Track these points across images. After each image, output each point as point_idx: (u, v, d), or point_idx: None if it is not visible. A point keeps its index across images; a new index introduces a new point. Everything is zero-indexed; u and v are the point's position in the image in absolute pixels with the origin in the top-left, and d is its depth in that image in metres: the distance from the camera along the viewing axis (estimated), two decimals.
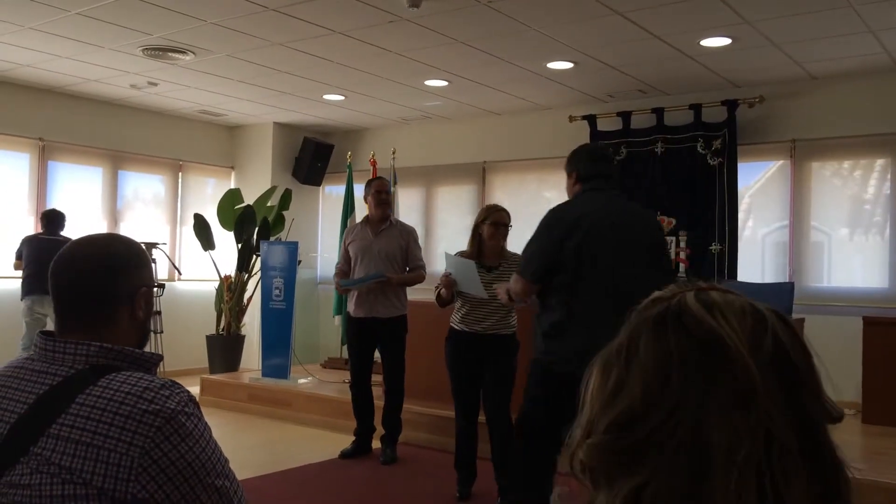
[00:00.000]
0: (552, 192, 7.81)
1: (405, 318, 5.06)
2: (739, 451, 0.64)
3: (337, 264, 5.39)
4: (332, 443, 5.33)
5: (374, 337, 5.03)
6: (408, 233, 5.13)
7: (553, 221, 3.25)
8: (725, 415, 0.65)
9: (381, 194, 5.09)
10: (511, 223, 4.30)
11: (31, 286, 6.22)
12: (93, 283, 1.36)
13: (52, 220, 6.51)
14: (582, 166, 3.42)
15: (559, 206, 3.36)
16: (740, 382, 0.66)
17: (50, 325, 5.02)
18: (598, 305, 3.05)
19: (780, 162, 6.55)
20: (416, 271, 5.06)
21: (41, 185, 7.42)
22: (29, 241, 6.47)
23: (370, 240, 5.04)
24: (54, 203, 7.53)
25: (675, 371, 0.67)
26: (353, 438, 5.17)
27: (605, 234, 3.17)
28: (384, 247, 5.00)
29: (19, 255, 6.46)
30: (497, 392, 4.11)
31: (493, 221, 4.18)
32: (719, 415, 0.65)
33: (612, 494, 0.67)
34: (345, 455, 5.09)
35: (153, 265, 7.18)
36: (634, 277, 3.05)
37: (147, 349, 1.41)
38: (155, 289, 1.48)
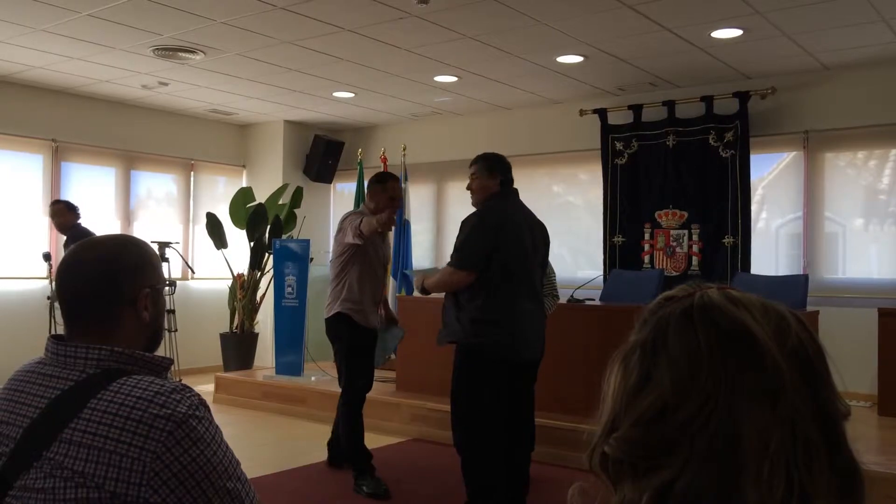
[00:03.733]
0: (562, 186, 7.79)
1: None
2: (770, 443, 0.64)
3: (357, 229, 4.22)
4: None
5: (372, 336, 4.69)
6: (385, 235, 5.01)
7: (489, 219, 3.59)
8: (755, 407, 0.66)
9: (397, 201, 4.42)
10: None
11: None
12: (95, 286, 1.37)
13: (76, 207, 6.41)
14: (503, 171, 3.77)
15: (490, 205, 3.67)
16: (770, 375, 0.67)
17: None
18: (520, 297, 3.55)
19: (794, 153, 6.50)
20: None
21: (55, 185, 7.48)
22: (88, 233, 6.04)
23: (379, 244, 4.52)
24: None
25: (706, 363, 0.68)
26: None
27: (525, 234, 3.65)
28: (387, 253, 4.77)
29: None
30: None
31: None
32: (749, 407, 0.66)
33: (639, 489, 0.67)
34: (379, 493, 4.28)
35: (165, 265, 7.14)
36: (538, 276, 3.74)
37: (161, 348, 1.42)
38: (165, 288, 1.49)
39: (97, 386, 1.28)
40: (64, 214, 6.29)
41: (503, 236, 3.55)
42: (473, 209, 3.76)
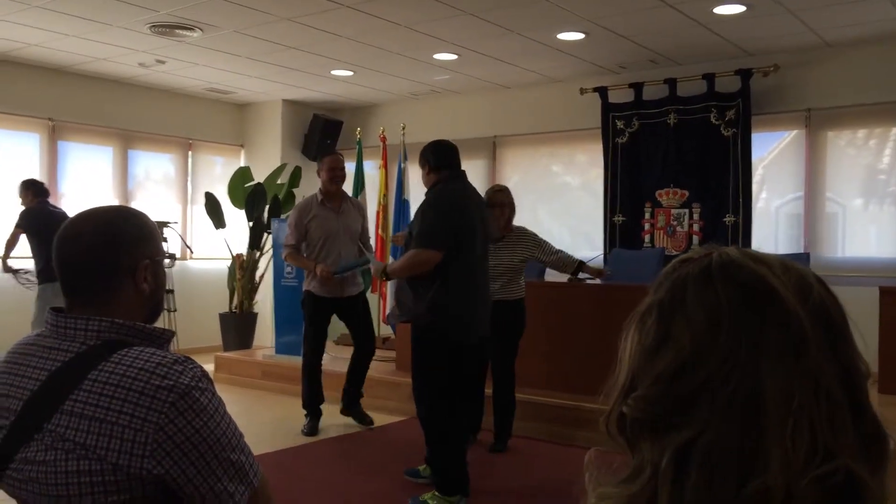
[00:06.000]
0: (562, 165, 7.75)
1: (364, 293, 5.39)
2: (794, 400, 0.63)
3: (287, 242, 5.14)
4: (345, 418, 5.35)
5: (335, 313, 5.19)
6: (362, 209, 5.33)
7: (450, 201, 3.68)
8: (778, 364, 0.65)
9: (337, 171, 5.09)
10: (513, 200, 4.76)
11: None
12: (95, 256, 1.34)
13: (45, 189, 6.24)
14: (445, 163, 3.82)
15: (447, 187, 3.74)
16: (792, 330, 0.66)
17: None
18: (474, 276, 3.71)
19: (795, 132, 6.46)
20: (371, 250, 5.33)
21: (52, 165, 7.43)
22: (42, 215, 6.03)
23: (334, 219, 5.06)
24: (66, 183, 7.55)
25: (726, 320, 0.67)
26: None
27: (476, 218, 3.75)
28: (350, 225, 5.09)
29: (23, 228, 6.07)
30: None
31: (490, 205, 4.49)
32: (772, 363, 0.65)
33: (660, 448, 0.66)
34: (312, 433, 5.11)
35: (164, 244, 7.13)
36: (487, 253, 3.91)
37: (160, 326, 1.40)
38: (165, 260, 1.47)
39: (98, 357, 1.26)
40: (21, 194, 6.20)
41: (458, 218, 3.66)
42: (485, 187, 3.96)
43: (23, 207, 6.23)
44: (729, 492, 0.62)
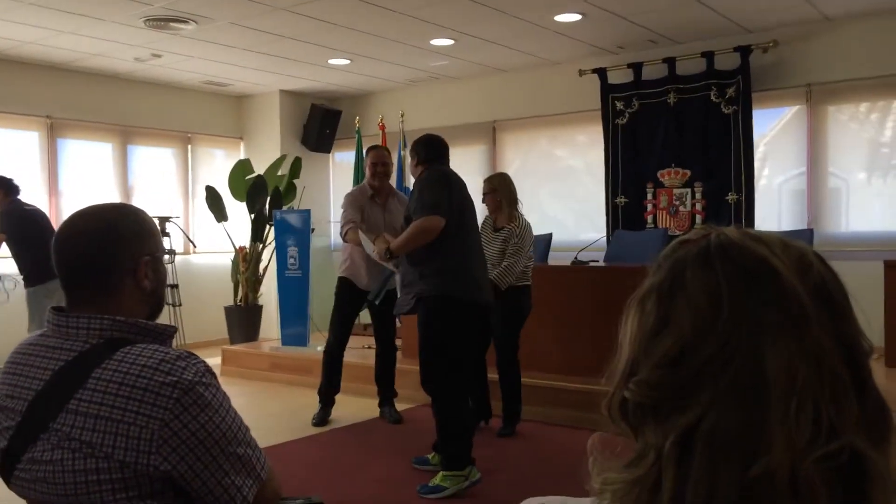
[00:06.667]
0: (563, 149, 7.73)
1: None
2: (797, 379, 0.63)
3: (347, 219, 4.86)
4: (354, 407, 5.37)
5: (363, 303, 5.10)
6: (406, 204, 5.10)
7: (445, 176, 3.83)
8: (780, 343, 0.64)
9: (377, 167, 4.91)
10: (505, 187, 4.75)
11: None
12: (95, 254, 1.34)
13: (17, 187, 5.85)
14: (433, 156, 3.96)
15: (434, 167, 3.89)
16: (793, 308, 0.65)
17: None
18: (473, 246, 3.86)
19: (796, 107, 6.42)
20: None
21: (51, 163, 7.43)
22: (22, 217, 5.73)
23: (380, 215, 4.93)
24: (65, 181, 7.54)
25: (726, 301, 0.66)
26: (368, 405, 5.28)
27: (468, 197, 3.89)
28: (393, 223, 4.92)
29: (6, 233, 5.69)
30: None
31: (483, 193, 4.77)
32: (773, 342, 0.64)
33: (663, 432, 0.66)
34: (321, 423, 5.12)
35: (166, 239, 7.02)
36: (477, 230, 4.04)
37: (164, 322, 1.40)
38: (165, 256, 1.46)
39: (101, 355, 1.26)
40: None
41: (452, 189, 3.79)
42: (468, 174, 4.16)
43: None
44: (734, 473, 0.62)
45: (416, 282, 3.79)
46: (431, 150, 3.96)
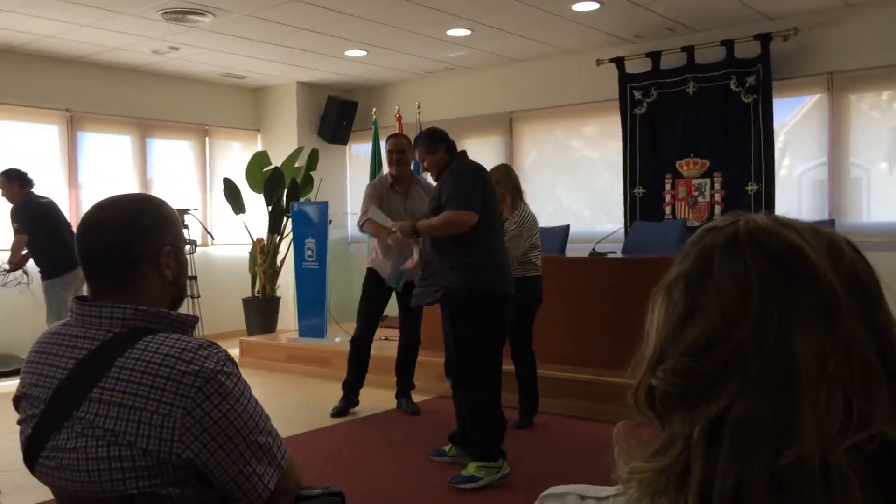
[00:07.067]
0: (579, 140, 7.68)
1: None
2: (828, 367, 0.62)
3: (364, 212, 4.84)
4: (372, 398, 5.39)
5: (390, 293, 5.06)
6: (431, 191, 4.99)
7: (478, 171, 3.86)
8: (811, 330, 0.63)
9: (394, 154, 4.84)
10: (508, 179, 4.71)
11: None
12: (117, 244, 1.35)
13: (30, 179, 5.85)
14: (444, 140, 3.98)
15: (466, 159, 3.94)
16: (825, 296, 0.64)
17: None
18: (501, 239, 3.93)
19: (817, 96, 6.34)
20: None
21: (71, 156, 7.49)
22: (37, 210, 5.75)
23: (400, 203, 4.86)
24: (85, 174, 7.61)
25: (756, 288, 0.65)
26: (389, 396, 5.26)
27: (493, 190, 3.95)
28: (415, 212, 4.80)
29: (24, 225, 5.68)
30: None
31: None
32: (804, 330, 0.63)
33: (690, 421, 0.65)
34: (339, 414, 5.12)
35: (184, 231, 7.10)
36: (501, 225, 4.07)
37: (184, 312, 1.41)
38: (186, 247, 1.47)
39: (124, 344, 1.27)
40: (4, 186, 5.79)
41: (486, 185, 3.83)
42: (486, 165, 4.04)
43: (8, 202, 5.83)
44: (764, 462, 0.61)
45: (443, 273, 3.78)
46: (448, 140, 3.98)
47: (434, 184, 4.98)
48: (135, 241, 1.35)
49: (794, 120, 6.55)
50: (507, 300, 3.84)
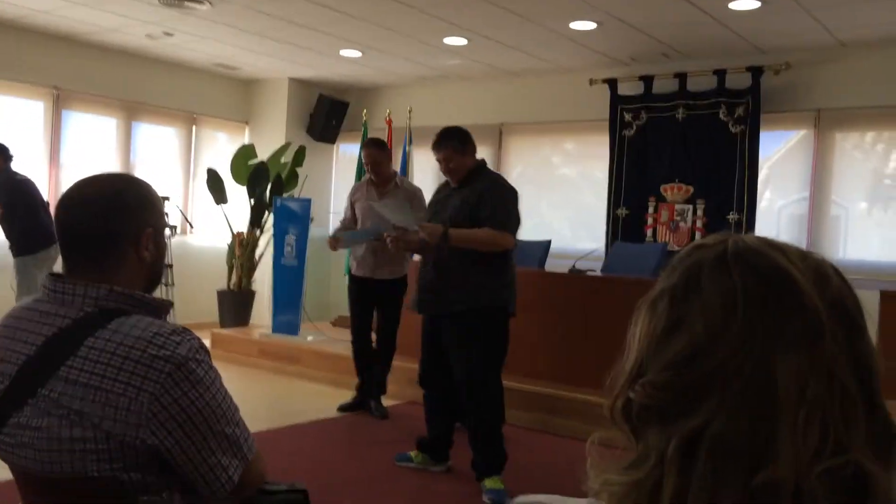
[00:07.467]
0: (566, 157, 7.72)
1: (405, 279, 5.04)
2: (807, 391, 0.62)
3: (342, 220, 5.24)
4: (339, 399, 5.35)
5: (374, 296, 5.08)
6: (412, 194, 4.95)
7: (515, 191, 3.84)
8: (793, 353, 0.63)
9: (368, 165, 4.96)
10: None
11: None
12: (99, 222, 1.32)
13: (10, 154, 5.74)
14: (473, 144, 3.90)
15: (492, 175, 3.92)
16: (809, 320, 0.64)
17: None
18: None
19: (804, 132, 6.42)
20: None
21: (55, 134, 7.39)
22: (15, 185, 5.66)
23: (373, 198, 4.92)
24: (68, 153, 7.51)
25: (741, 307, 0.65)
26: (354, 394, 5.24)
27: None
28: (381, 211, 4.88)
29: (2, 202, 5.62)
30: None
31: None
32: (786, 352, 0.63)
33: (666, 435, 0.64)
34: (343, 409, 5.17)
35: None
36: None
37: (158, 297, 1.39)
38: (166, 230, 1.45)
39: (95, 325, 1.24)
40: None
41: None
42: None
43: None
44: (737, 482, 0.61)
45: (471, 289, 3.65)
46: (468, 140, 3.87)
47: (417, 187, 5.06)
48: (117, 218, 1.33)
49: (780, 153, 6.62)
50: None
